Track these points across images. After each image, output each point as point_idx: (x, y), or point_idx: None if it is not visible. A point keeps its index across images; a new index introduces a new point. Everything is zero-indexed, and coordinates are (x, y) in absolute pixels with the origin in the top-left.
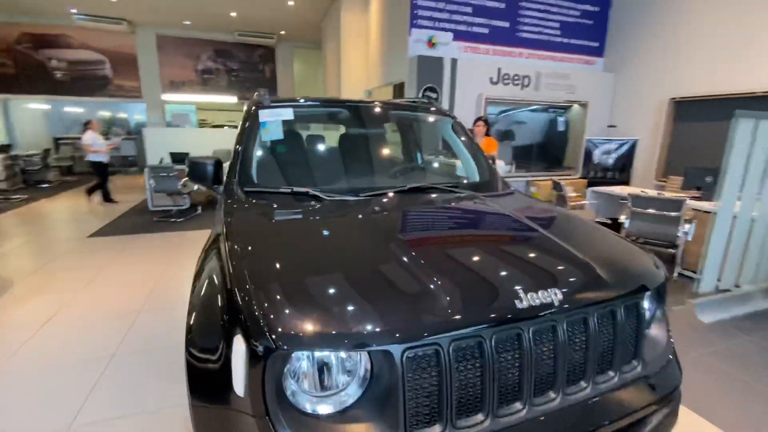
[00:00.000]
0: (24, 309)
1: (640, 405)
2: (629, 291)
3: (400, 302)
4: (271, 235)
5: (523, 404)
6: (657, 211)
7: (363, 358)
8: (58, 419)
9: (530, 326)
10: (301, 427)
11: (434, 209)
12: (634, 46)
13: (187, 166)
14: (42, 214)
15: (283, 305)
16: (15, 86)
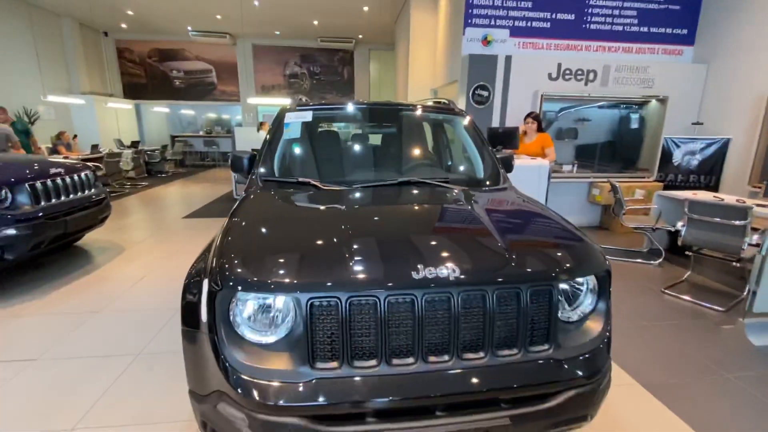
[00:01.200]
0: (127, 268)
1: (540, 381)
2: (538, 278)
3: (316, 264)
4: (257, 213)
5: (415, 359)
6: (719, 219)
7: (286, 300)
8: (134, 346)
9: (423, 295)
10: (235, 344)
11: (401, 199)
12: (730, 33)
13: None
14: (156, 197)
15: (232, 260)
16: (145, 93)
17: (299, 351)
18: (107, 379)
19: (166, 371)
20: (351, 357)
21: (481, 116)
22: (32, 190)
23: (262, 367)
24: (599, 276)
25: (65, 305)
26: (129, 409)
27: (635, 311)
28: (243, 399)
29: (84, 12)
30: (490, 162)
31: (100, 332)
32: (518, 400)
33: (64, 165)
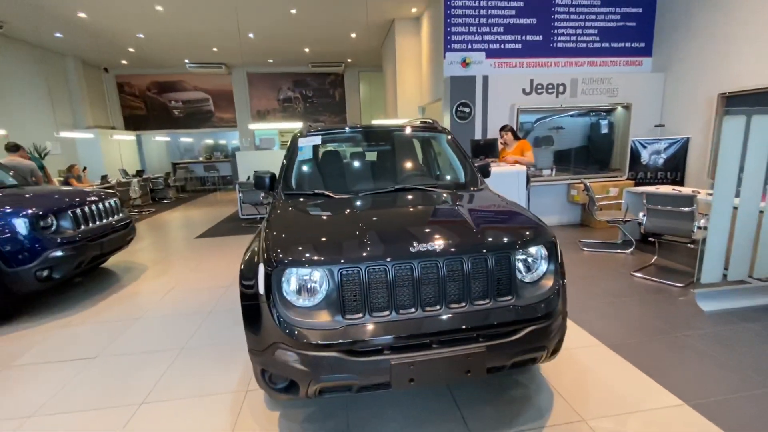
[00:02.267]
0: (155, 282)
1: (506, 321)
2: (498, 248)
3: (342, 246)
4: (289, 216)
5: (416, 308)
6: (671, 207)
7: (321, 273)
8: (178, 342)
9: (418, 263)
10: (285, 308)
11: (398, 201)
12: (683, 43)
13: (253, 178)
14: (165, 222)
15: (279, 247)
16: (146, 124)
17: (333, 307)
18: (161, 367)
19: (208, 359)
20: (370, 309)
21: (465, 130)
22: (73, 216)
23: (308, 320)
24: (547, 246)
25: (109, 315)
26: (184, 387)
27: (606, 291)
28: (296, 343)
29: (87, 51)
30: (469, 169)
31: (145, 334)
32: (491, 336)
33: (97, 193)
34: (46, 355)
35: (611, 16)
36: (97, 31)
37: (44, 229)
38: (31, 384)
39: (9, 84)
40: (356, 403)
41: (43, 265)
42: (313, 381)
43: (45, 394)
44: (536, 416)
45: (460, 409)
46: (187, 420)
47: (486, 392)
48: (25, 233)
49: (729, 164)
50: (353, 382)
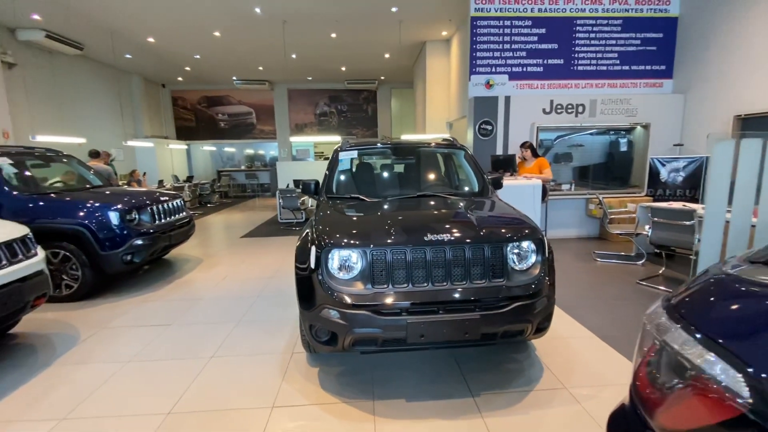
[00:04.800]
0: (210, 272)
1: (498, 297)
2: (493, 241)
3: (373, 235)
4: (333, 214)
5: (428, 283)
6: (673, 221)
7: (356, 253)
8: (234, 317)
9: (430, 250)
10: (330, 279)
11: (421, 204)
12: (702, 66)
13: (300, 184)
14: (213, 223)
15: (326, 235)
16: (195, 135)
17: (365, 279)
18: (223, 333)
19: (261, 329)
20: (393, 282)
21: (487, 146)
22: (150, 212)
23: (347, 288)
24: (535, 242)
25: (176, 295)
26: (243, 347)
27: (609, 295)
28: (338, 303)
29: (149, 70)
30: (482, 180)
31: (207, 310)
32: (485, 307)
33: (167, 194)
34: (132, 321)
35: (632, 41)
36: (161, 53)
37: (129, 222)
38: (124, 340)
39: (88, 98)
40: (379, 365)
41: (128, 251)
42: (349, 332)
43: (136, 347)
44: (526, 383)
45: (464, 374)
46: (248, 370)
47: (486, 364)
48: (116, 224)
49: (720, 182)
50: (378, 335)
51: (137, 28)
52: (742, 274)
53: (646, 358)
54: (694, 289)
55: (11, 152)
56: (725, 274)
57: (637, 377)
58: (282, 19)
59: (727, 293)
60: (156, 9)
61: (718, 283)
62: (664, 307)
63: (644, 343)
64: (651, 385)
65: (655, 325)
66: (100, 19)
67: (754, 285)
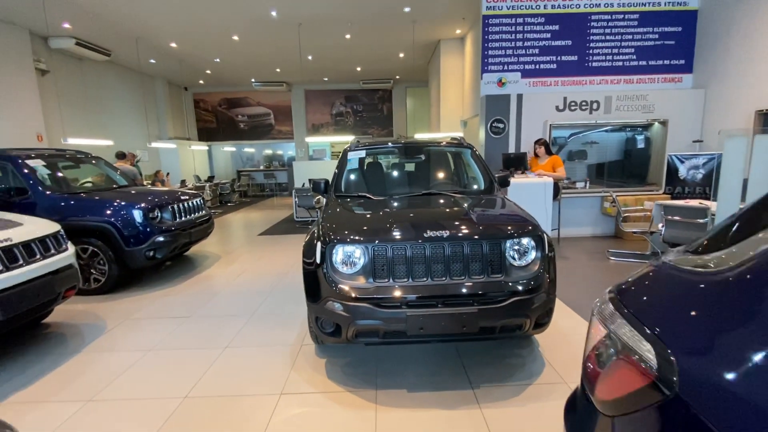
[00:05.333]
0: (228, 268)
1: (495, 292)
2: (492, 238)
3: (375, 231)
4: (338, 211)
5: (427, 278)
6: (686, 218)
7: (359, 249)
8: (249, 310)
9: (429, 245)
10: (334, 273)
11: (425, 202)
12: (723, 60)
13: (310, 183)
14: (232, 221)
15: (331, 231)
16: (215, 136)
17: (367, 274)
18: (238, 325)
19: (273, 322)
20: (394, 277)
21: (499, 144)
22: (172, 210)
23: (350, 282)
24: (535, 239)
25: (195, 289)
26: (256, 339)
27: None
28: (341, 296)
29: (172, 73)
30: (488, 178)
31: (224, 303)
32: (483, 302)
33: (187, 193)
34: (154, 313)
35: (649, 36)
36: (183, 57)
37: (152, 219)
38: (146, 330)
39: (115, 102)
40: (383, 358)
41: (150, 247)
42: (352, 324)
43: (157, 337)
44: (526, 377)
45: (465, 367)
46: (259, 360)
47: (488, 358)
48: (140, 221)
49: (731, 178)
50: (379, 327)
51: (161, 34)
52: (676, 263)
53: (595, 343)
54: (636, 278)
55: (44, 154)
56: (662, 263)
57: (585, 361)
58: (297, 21)
59: (658, 281)
60: (178, 16)
61: (654, 271)
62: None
63: (592, 327)
64: (594, 365)
65: (602, 311)
66: (126, 27)
67: (678, 271)
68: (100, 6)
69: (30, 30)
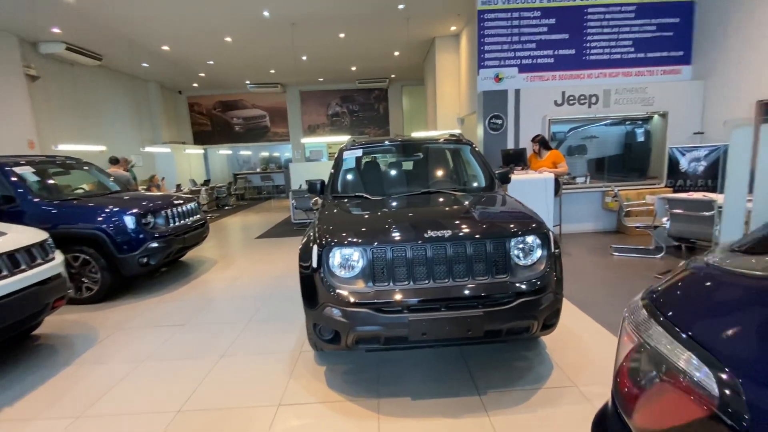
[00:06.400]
0: (224, 273)
1: (501, 293)
2: (495, 236)
3: (373, 232)
4: (335, 212)
5: (429, 281)
6: (692, 212)
7: (357, 252)
8: (245, 316)
9: (430, 246)
10: (332, 277)
11: (424, 201)
12: (723, 51)
13: (306, 184)
14: (229, 225)
15: (327, 233)
16: (211, 139)
17: (367, 277)
18: (235, 332)
19: (271, 328)
20: (394, 280)
21: (497, 140)
22: (165, 215)
23: (348, 286)
24: (540, 236)
25: (191, 295)
26: (253, 346)
27: (624, 290)
28: (340, 302)
29: (166, 77)
30: (488, 175)
31: (220, 310)
32: (488, 304)
33: (181, 198)
34: (148, 321)
35: (647, 27)
36: (176, 60)
37: (145, 225)
38: (140, 340)
39: (107, 107)
40: (385, 363)
41: (144, 254)
42: (351, 330)
43: (150, 347)
44: (534, 381)
45: (471, 372)
46: (256, 369)
47: (495, 362)
48: (133, 227)
49: (738, 169)
50: (380, 332)
51: (152, 37)
52: (722, 264)
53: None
54: (674, 281)
55: (35, 161)
56: (705, 264)
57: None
58: (290, 21)
59: (705, 285)
60: (169, 18)
61: (697, 274)
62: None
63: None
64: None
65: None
66: (117, 30)
67: (730, 276)
68: (90, 9)
69: (19, 36)
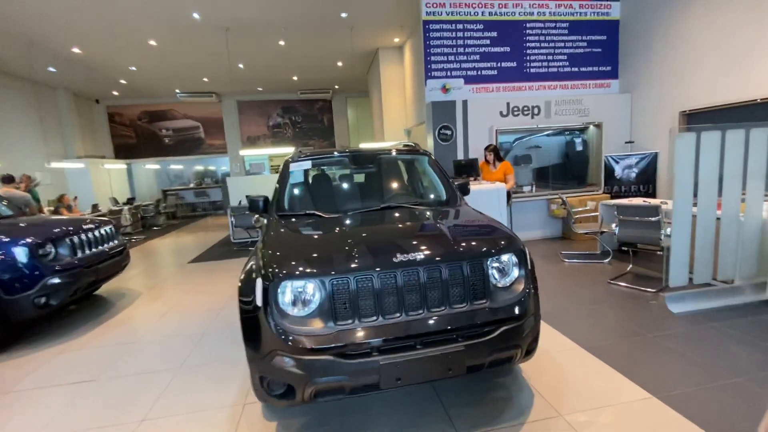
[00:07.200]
0: (149, 307)
1: (482, 321)
2: (472, 256)
3: (332, 259)
4: (282, 235)
5: (401, 314)
6: (639, 217)
7: (313, 284)
8: (174, 362)
9: (401, 272)
10: (282, 317)
11: (385, 217)
12: (645, 66)
13: (247, 201)
14: (157, 248)
15: (274, 263)
16: (136, 152)
17: (326, 315)
18: (159, 386)
19: (204, 377)
20: (359, 316)
21: (448, 151)
22: (71, 243)
23: (302, 328)
24: (517, 254)
25: (105, 339)
26: (183, 404)
27: (584, 299)
28: (293, 348)
29: (79, 84)
30: (449, 187)
31: (142, 356)
32: (469, 336)
33: (93, 221)
34: (45, 380)
35: (579, 44)
36: (91, 65)
37: (43, 257)
38: (31, 408)
39: (2, 117)
40: (350, 408)
41: (41, 293)
42: (309, 384)
43: (45, 416)
44: (517, 414)
45: (447, 411)
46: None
47: (471, 395)
48: (25, 261)
49: (685, 175)
50: (345, 383)
51: (59, 37)
52: None
53: None
54: None
55: None
56: None
57: None
58: (224, 26)
59: None
60: (76, 15)
61: None
62: None
63: None
64: None
65: None
66: (13, 27)
67: None
68: None
69: None
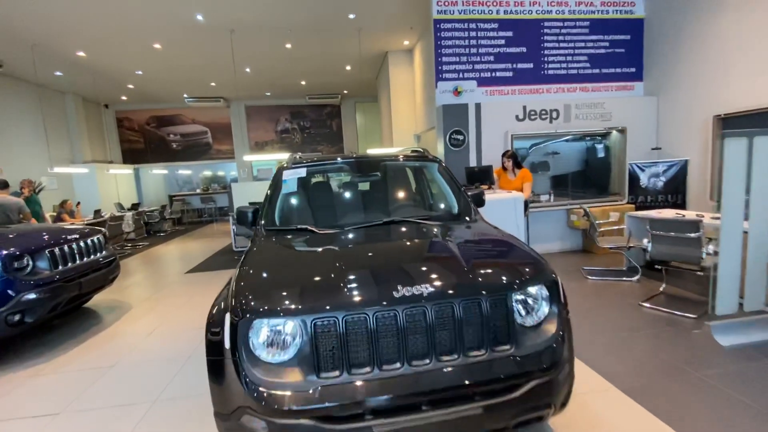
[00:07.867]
0: (138, 323)
1: (506, 374)
2: (492, 289)
3: (317, 293)
4: (265, 256)
5: (401, 363)
6: (676, 233)
7: (293, 322)
8: (149, 396)
9: (403, 310)
10: (253, 365)
11: (385, 236)
12: (673, 67)
13: (235, 213)
14: (157, 256)
15: (247, 297)
16: (144, 157)
17: (307, 364)
18: (132, 421)
19: (183, 410)
20: (349, 366)
21: (459, 157)
22: (51, 255)
23: (277, 380)
24: (548, 285)
25: (81, 362)
26: None
27: (615, 324)
28: (264, 408)
29: (86, 88)
30: (462, 199)
31: (117, 384)
32: (488, 393)
33: (79, 230)
34: (7, 411)
35: (600, 43)
36: (97, 69)
37: (18, 271)
38: None
39: (5, 121)
40: None
41: (14, 309)
42: None
43: None
44: None
45: None
46: None
47: None
48: None
49: (735, 187)
50: None
51: (62, 41)
52: None
53: None
54: None
55: None
56: None
57: None
58: (229, 28)
59: None
60: (78, 18)
61: None
62: None
63: None
64: None
65: None
66: (18, 31)
67: None
68: None
69: None
